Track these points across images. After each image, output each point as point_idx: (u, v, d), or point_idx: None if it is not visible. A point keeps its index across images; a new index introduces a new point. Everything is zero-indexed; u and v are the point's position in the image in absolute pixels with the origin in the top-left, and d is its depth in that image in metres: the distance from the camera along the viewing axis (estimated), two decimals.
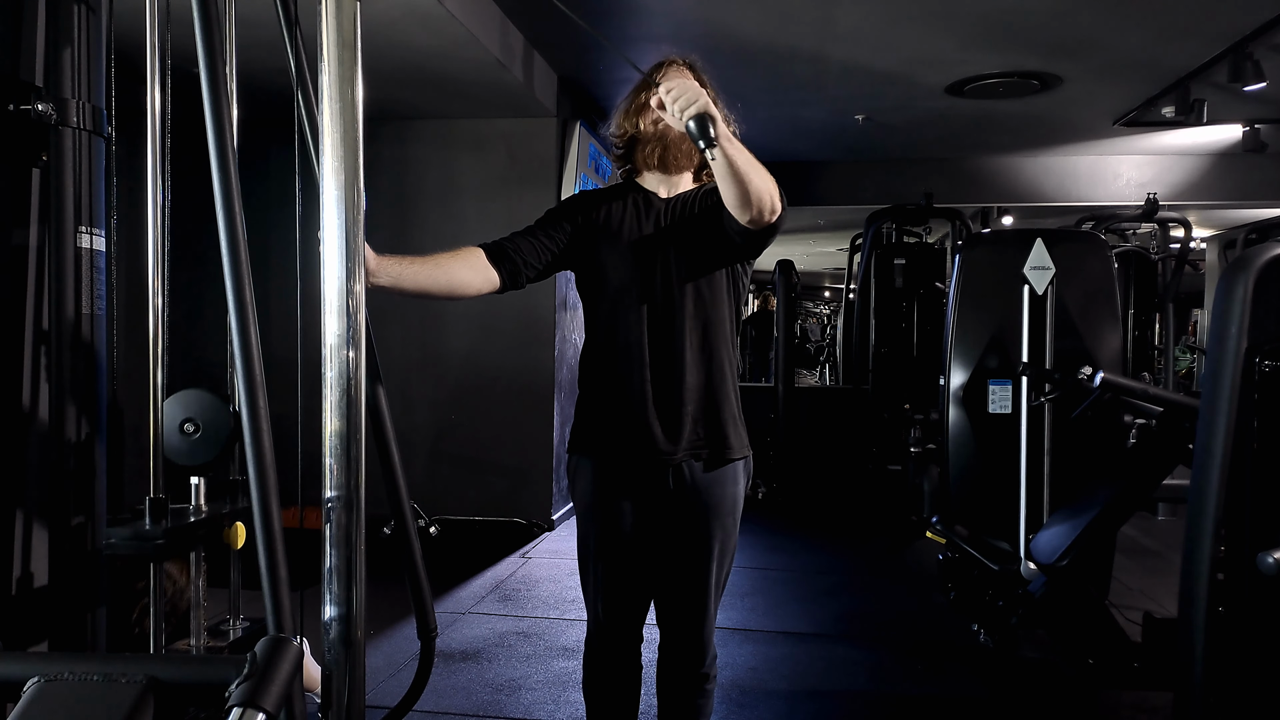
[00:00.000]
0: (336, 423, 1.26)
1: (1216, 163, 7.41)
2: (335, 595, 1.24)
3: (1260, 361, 1.47)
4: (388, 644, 3.56)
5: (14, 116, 1.35)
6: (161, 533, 1.47)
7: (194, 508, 1.61)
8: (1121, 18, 4.39)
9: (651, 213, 2.04)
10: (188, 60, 1.37)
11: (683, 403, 1.99)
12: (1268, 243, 1.51)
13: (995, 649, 3.32)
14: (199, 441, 1.63)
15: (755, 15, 4.43)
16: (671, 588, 2.08)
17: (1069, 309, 3.60)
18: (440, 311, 5.65)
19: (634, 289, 2.00)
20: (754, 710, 3.05)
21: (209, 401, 1.64)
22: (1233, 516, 1.50)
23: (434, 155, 5.69)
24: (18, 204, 1.39)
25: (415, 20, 3.96)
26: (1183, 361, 10.45)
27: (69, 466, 1.40)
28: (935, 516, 3.74)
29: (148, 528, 1.48)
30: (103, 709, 0.82)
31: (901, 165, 7.73)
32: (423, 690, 1.83)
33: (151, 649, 1.56)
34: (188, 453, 1.63)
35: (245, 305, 1.29)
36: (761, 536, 5.56)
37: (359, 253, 1.28)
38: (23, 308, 1.39)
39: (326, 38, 1.24)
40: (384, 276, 1.78)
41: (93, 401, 1.44)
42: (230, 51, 1.67)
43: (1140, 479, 2.97)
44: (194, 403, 1.64)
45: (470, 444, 5.71)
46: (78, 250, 1.42)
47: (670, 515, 2.03)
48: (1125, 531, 4.90)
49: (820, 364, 11.54)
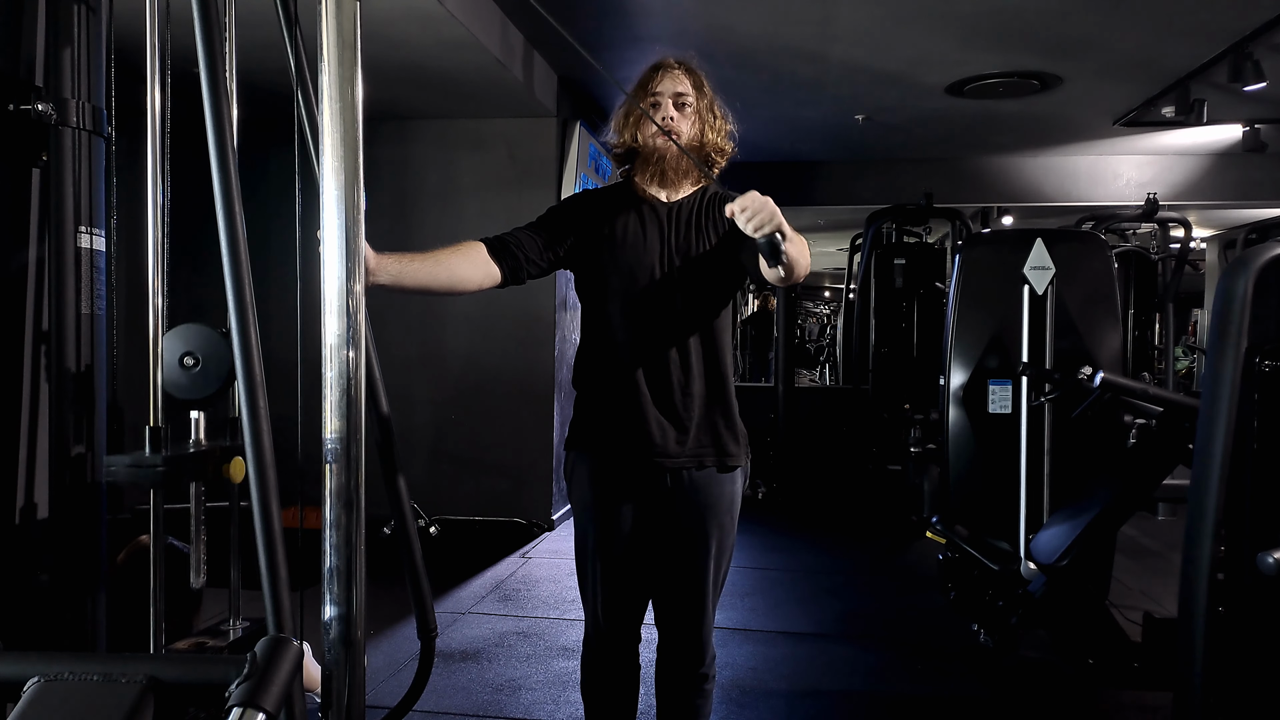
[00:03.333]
0: (336, 423, 1.25)
1: (1216, 163, 7.41)
2: (335, 595, 1.24)
3: (1260, 361, 1.47)
4: (388, 644, 3.56)
5: (14, 116, 1.35)
6: (161, 460, 1.46)
7: (194, 441, 1.60)
8: (1121, 18, 4.39)
9: (655, 218, 2.04)
10: (188, 60, 1.37)
11: (685, 409, 1.99)
12: (1268, 243, 1.51)
13: (995, 649, 3.32)
14: (199, 375, 1.61)
15: (755, 15, 4.43)
16: (669, 587, 2.08)
17: (1069, 309, 3.60)
18: (440, 311, 5.65)
19: (637, 294, 2.00)
20: (754, 710, 3.05)
21: (209, 335, 1.63)
22: (1233, 516, 1.50)
23: (434, 155, 5.69)
24: (18, 204, 1.39)
25: (415, 20, 3.96)
26: (1183, 361, 10.45)
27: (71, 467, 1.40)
28: (935, 516, 3.74)
29: (147, 455, 1.47)
30: (103, 709, 0.82)
31: (901, 165, 7.73)
32: (423, 690, 1.83)
33: (151, 649, 1.56)
34: (188, 386, 1.62)
35: (245, 305, 1.29)
36: (761, 536, 5.56)
37: (359, 253, 1.28)
38: (23, 308, 1.39)
39: (326, 38, 1.24)
40: (384, 275, 1.78)
41: (92, 401, 1.44)
42: (230, 51, 1.67)
43: (1140, 479, 2.96)
44: (194, 336, 1.62)
45: (470, 444, 5.71)
46: (78, 250, 1.42)
47: (668, 514, 2.03)
48: (1125, 531, 4.89)
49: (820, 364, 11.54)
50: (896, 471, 6.37)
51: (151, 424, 1.50)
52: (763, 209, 1.61)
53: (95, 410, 1.45)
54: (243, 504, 1.74)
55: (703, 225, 2.03)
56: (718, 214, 2.05)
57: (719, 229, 2.03)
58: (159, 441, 1.49)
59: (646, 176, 2.04)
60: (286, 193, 1.77)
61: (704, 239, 2.02)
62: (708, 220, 2.04)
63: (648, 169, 2.03)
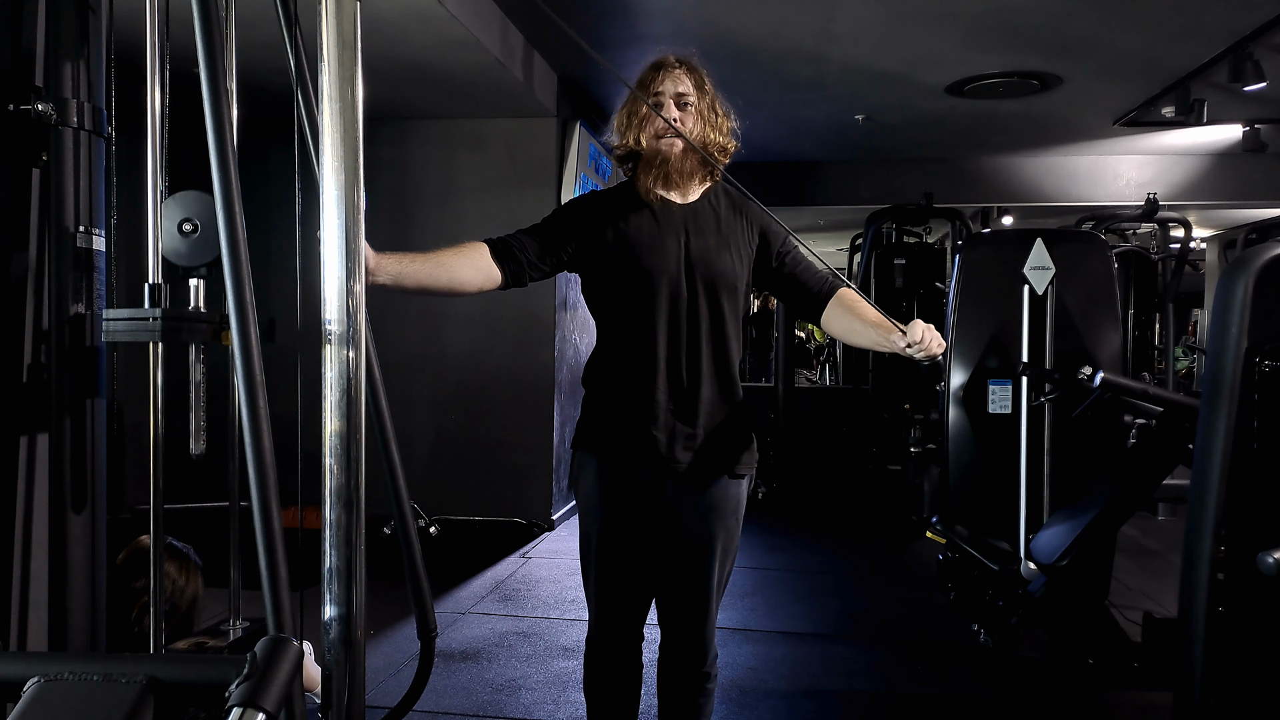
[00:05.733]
0: (336, 423, 1.25)
1: (1216, 163, 7.41)
2: (335, 595, 1.24)
3: (1260, 361, 1.47)
4: (388, 644, 3.56)
5: (14, 116, 1.35)
6: (161, 314, 1.43)
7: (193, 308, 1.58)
8: (1121, 18, 4.39)
9: (671, 221, 2.02)
10: (188, 60, 1.37)
11: (696, 415, 1.99)
12: (1268, 243, 1.51)
13: (995, 649, 3.32)
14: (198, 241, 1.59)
15: (755, 15, 4.43)
16: (673, 588, 2.08)
17: (1069, 309, 3.60)
18: (441, 311, 5.65)
19: (650, 297, 1.98)
20: (754, 710, 3.05)
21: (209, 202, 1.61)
22: (1233, 516, 1.50)
23: (434, 155, 5.69)
24: (18, 204, 1.39)
25: (415, 20, 3.96)
26: (1183, 361, 10.45)
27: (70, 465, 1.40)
28: (935, 516, 3.74)
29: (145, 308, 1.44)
30: (103, 709, 0.82)
31: (901, 165, 7.73)
32: (423, 690, 1.82)
33: (151, 649, 1.56)
34: (187, 254, 1.59)
35: (245, 305, 1.29)
36: (761, 536, 5.56)
37: (359, 253, 1.28)
38: (23, 308, 1.39)
39: (326, 38, 1.24)
40: (384, 275, 1.78)
41: (93, 402, 1.44)
42: (230, 51, 1.67)
43: (1140, 479, 2.97)
44: (194, 203, 1.60)
45: (470, 444, 5.71)
46: (78, 250, 1.42)
47: (673, 516, 2.02)
48: (1125, 531, 4.90)
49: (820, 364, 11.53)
50: (896, 471, 6.37)
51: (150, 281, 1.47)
52: (932, 341, 1.82)
53: (95, 410, 1.45)
54: (243, 504, 1.74)
55: (724, 232, 2.02)
56: (744, 222, 2.05)
57: (746, 240, 2.04)
58: (158, 298, 1.46)
59: (651, 179, 2.02)
60: (286, 193, 1.77)
61: (728, 247, 2.01)
62: (729, 228, 2.03)
63: (651, 171, 2.01)
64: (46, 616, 1.40)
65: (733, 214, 2.06)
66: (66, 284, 1.40)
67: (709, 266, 1.99)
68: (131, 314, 1.43)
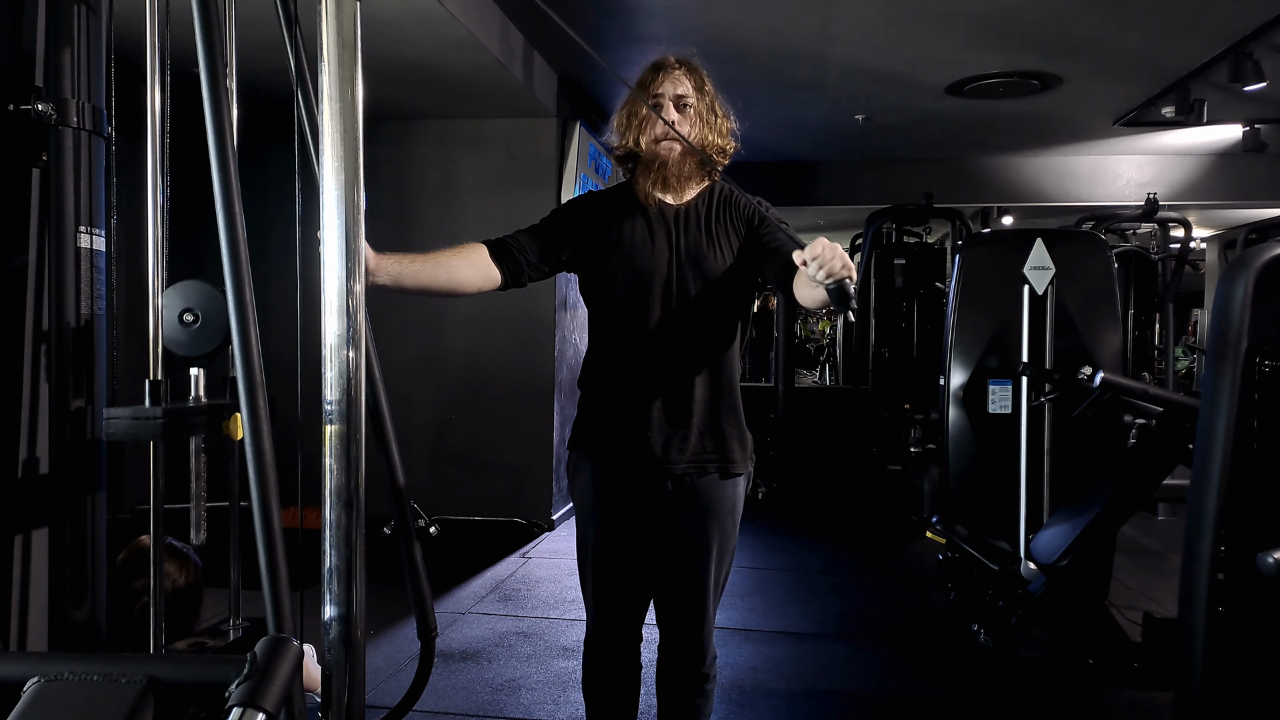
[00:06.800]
0: (336, 423, 1.25)
1: (1216, 163, 7.41)
2: (335, 595, 1.24)
3: (1260, 361, 1.47)
4: (388, 644, 3.56)
5: (14, 116, 1.35)
6: (161, 412, 1.44)
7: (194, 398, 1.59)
8: (1121, 18, 4.39)
9: (663, 222, 2.02)
10: (188, 60, 1.37)
11: (690, 416, 1.99)
12: (1268, 243, 1.51)
13: (995, 649, 3.32)
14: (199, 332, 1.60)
15: (755, 15, 4.43)
16: (670, 589, 2.08)
17: (1069, 309, 3.61)
18: (440, 311, 5.65)
19: (643, 298, 1.99)
20: (754, 710, 3.05)
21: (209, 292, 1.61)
22: (1233, 516, 1.50)
23: (434, 155, 5.69)
24: (18, 204, 1.39)
25: (415, 20, 3.96)
26: (1183, 361, 10.45)
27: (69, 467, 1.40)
28: (935, 516, 3.74)
29: (147, 407, 1.45)
30: (103, 709, 0.82)
31: (901, 165, 7.73)
32: (423, 690, 1.83)
33: (151, 649, 1.56)
34: (188, 343, 1.60)
35: (245, 305, 1.29)
36: (761, 536, 5.56)
37: (359, 253, 1.28)
38: (23, 308, 1.39)
39: (326, 38, 1.24)
40: (384, 275, 1.78)
41: (93, 402, 1.44)
42: (230, 51, 1.67)
43: (1140, 479, 2.97)
44: (194, 293, 1.61)
45: (470, 444, 5.71)
46: (78, 250, 1.42)
47: (669, 517, 2.02)
48: (1125, 531, 4.90)
49: (820, 364, 11.54)
50: (896, 471, 6.37)
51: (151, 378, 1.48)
52: (834, 257, 1.55)
53: (96, 410, 1.45)
54: (243, 504, 1.74)
55: (713, 229, 2.02)
56: (731, 216, 2.04)
57: (733, 233, 2.02)
58: (159, 394, 1.47)
59: (649, 181, 2.02)
60: (286, 193, 1.77)
61: (715, 243, 2.01)
62: (718, 223, 2.03)
63: (649, 173, 2.01)
64: (46, 616, 1.40)
65: (725, 211, 2.05)
66: (66, 284, 1.40)
67: (701, 267, 1.99)
68: (134, 412, 1.45)
